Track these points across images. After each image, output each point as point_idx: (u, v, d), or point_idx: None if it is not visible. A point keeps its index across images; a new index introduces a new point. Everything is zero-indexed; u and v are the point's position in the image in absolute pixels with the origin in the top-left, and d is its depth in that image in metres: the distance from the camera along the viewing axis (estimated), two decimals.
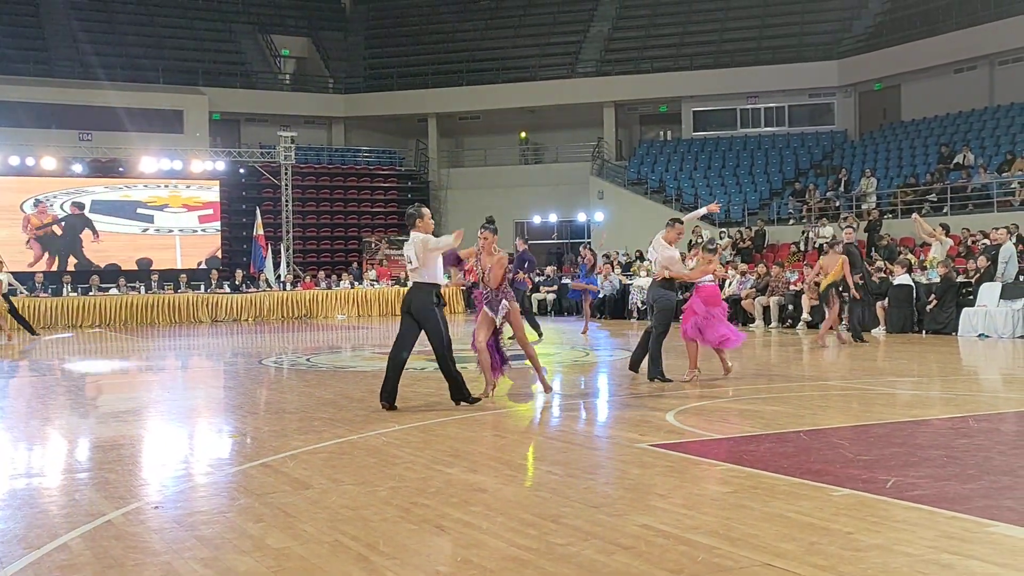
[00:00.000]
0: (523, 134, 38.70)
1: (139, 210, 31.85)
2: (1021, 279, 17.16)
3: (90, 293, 26.47)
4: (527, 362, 10.50)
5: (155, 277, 28.00)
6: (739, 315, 20.53)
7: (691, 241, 22.41)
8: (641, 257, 27.46)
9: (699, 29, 36.96)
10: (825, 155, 32.82)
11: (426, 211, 9.49)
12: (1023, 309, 16.55)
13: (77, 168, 30.02)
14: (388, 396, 9.25)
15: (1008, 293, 16.88)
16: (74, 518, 5.50)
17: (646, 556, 4.52)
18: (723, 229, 27.96)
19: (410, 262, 9.24)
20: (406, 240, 9.44)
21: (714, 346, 11.46)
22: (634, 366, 11.73)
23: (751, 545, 4.64)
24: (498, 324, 10.19)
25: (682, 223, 11.26)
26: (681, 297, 13.01)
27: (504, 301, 9.97)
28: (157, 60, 35.30)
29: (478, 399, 9.49)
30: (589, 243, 28.62)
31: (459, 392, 9.35)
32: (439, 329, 9.11)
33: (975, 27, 29.10)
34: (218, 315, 26.98)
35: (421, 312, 9.10)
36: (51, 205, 30.79)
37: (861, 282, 16.34)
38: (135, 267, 30.66)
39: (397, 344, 9.23)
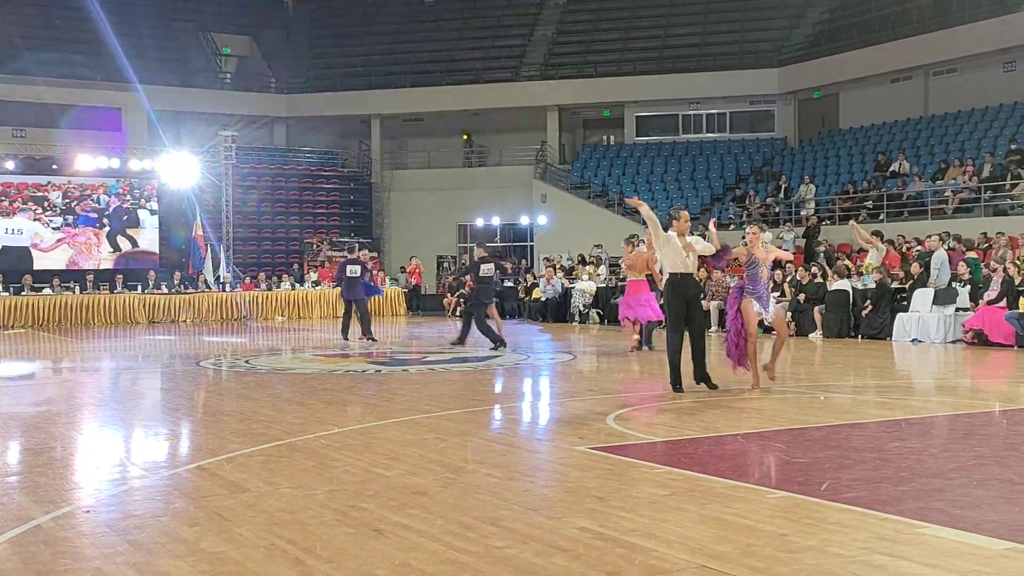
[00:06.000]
0: (466, 136, 38.68)
1: None
2: (953, 285, 17.52)
3: (22, 293, 25.90)
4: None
5: (90, 277, 27.50)
6: None
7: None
8: (584, 261, 27.62)
9: (642, 35, 37.23)
10: (765, 161, 33.25)
11: (684, 213, 10.40)
12: (954, 315, 16.91)
13: (9, 165, 29.38)
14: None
15: (940, 299, 17.24)
16: (2, 523, 5.37)
17: (584, 559, 4.54)
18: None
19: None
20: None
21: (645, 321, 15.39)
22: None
23: (688, 547, 4.68)
24: (768, 320, 10.80)
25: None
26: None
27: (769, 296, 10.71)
28: (94, 57, 34.68)
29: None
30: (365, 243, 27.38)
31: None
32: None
33: (911, 38, 29.66)
34: (155, 316, 26.58)
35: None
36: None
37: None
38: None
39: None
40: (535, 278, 27.29)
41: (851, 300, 18.49)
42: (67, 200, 31.36)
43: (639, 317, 15.60)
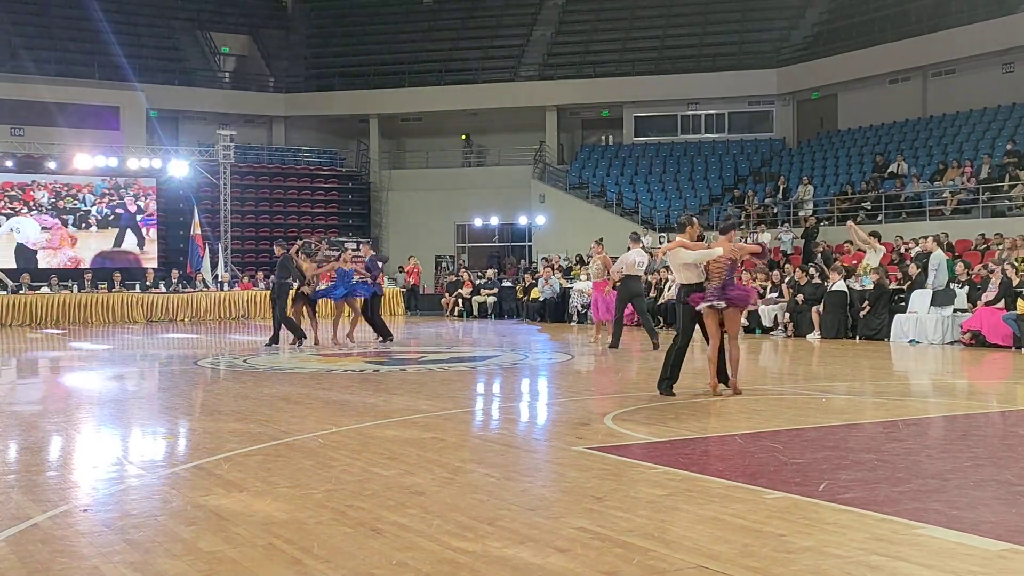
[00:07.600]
0: (464, 136, 38.69)
1: None
2: (951, 286, 17.54)
3: (20, 292, 25.89)
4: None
5: (88, 276, 27.48)
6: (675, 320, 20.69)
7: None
8: (582, 261, 27.61)
9: (641, 35, 37.25)
10: (764, 162, 33.26)
11: (695, 219, 10.70)
12: (952, 316, 16.92)
13: (8, 163, 29.38)
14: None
15: (938, 300, 17.25)
16: None
17: (582, 559, 4.53)
18: (663, 234, 28.19)
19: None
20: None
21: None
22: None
23: (685, 547, 4.68)
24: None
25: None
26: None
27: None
28: (93, 55, 34.68)
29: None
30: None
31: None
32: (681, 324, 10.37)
33: (909, 39, 29.71)
34: (153, 315, 26.55)
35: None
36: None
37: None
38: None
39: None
40: (533, 278, 27.29)
41: (849, 301, 18.50)
42: (61, 198, 31.36)
43: (603, 317, 17.25)
